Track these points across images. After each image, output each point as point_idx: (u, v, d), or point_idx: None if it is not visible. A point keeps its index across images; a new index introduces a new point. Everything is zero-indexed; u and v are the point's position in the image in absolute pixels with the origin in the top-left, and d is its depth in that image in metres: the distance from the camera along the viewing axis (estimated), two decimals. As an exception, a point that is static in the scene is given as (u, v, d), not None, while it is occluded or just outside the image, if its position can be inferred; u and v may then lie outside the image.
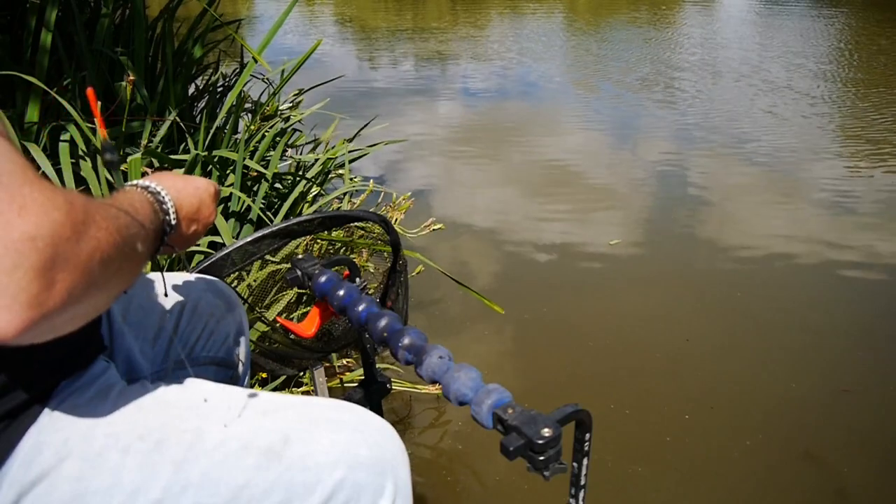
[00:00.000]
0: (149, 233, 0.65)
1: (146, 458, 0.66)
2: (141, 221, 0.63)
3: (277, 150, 2.22)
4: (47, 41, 1.95)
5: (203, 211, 0.78)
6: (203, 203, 0.79)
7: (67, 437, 0.65)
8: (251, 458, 0.68)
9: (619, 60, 6.37)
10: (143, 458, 0.66)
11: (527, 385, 1.95)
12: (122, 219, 0.58)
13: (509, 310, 2.24)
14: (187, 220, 0.76)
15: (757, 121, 4.49)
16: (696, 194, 3.34)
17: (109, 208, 0.57)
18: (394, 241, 1.04)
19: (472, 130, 4.46)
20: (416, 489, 0.75)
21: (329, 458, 0.70)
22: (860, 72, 5.86)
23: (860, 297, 2.44)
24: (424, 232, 2.77)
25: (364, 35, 8.26)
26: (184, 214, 0.75)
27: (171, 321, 0.90)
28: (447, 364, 0.68)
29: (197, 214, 0.78)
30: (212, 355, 0.95)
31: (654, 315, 2.29)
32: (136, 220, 0.61)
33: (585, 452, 0.65)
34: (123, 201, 0.64)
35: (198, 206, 0.78)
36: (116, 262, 0.54)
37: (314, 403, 0.77)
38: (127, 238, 0.57)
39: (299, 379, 1.83)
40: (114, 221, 0.55)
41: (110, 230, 0.53)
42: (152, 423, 0.68)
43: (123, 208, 0.60)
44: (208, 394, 0.74)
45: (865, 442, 1.73)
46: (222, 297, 0.96)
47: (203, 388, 0.75)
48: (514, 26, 8.59)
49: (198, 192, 0.78)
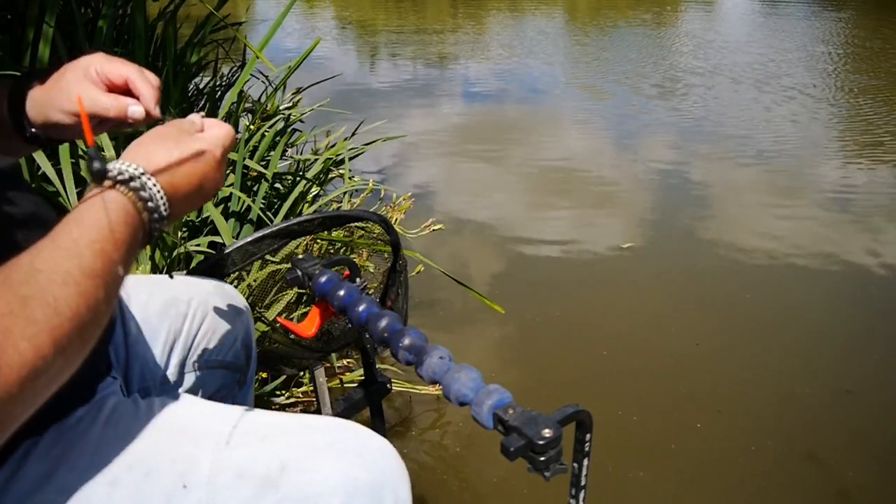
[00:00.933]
0: (131, 247, 0.56)
1: (135, 490, 0.62)
2: (116, 250, 0.53)
3: (277, 150, 2.22)
4: (47, 41, 1.95)
5: (206, 186, 0.64)
6: (206, 177, 0.63)
7: (49, 469, 0.62)
8: (247, 489, 0.64)
9: (619, 61, 6.37)
10: (133, 490, 0.62)
11: (527, 386, 1.95)
12: (80, 284, 0.49)
13: (510, 310, 2.24)
14: (184, 201, 0.62)
15: (762, 123, 4.49)
16: (699, 195, 3.34)
17: (55, 286, 0.48)
18: (394, 241, 1.04)
19: (472, 131, 4.46)
20: (416, 489, 0.75)
21: (328, 486, 0.66)
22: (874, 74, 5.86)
23: (863, 297, 2.43)
24: (424, 232, 2.77)
25: (364, 36, 8.26)
26: (180, 197, 0.61)
27: (180, 324, 0.90)
28: (447, 364, 0.68)
29: (199, 191, 0.63)
30: (220, 358, 0.94)
31: (656, 316, 2.29)
32: (106, 256, 0.52)
33: (586, 453, 0.65)
34: (85, 234, 0.52)
35: (199, 182, 0.62)
36: (76, 337, 0.49)
37: (313, 425, 0.72)
38: (89, 304, 0.49)
39: (299, 379, 1.83)
40: (62, 307, 0.47)
41: (58, 323, 0.46)
42: (142, 451, 0.65)
43: (81, 256, 0.50)
44: (202, 415, 0.70)
45: (868, 443, 1.73)
46: (229, 300, 0.96)
47: (196, 409, 0.72)
48: (514, 26, 8.58)
49: (197, 165, 0.62)
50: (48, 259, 0.50)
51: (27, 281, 0.47)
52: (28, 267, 0.49)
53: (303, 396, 1.80)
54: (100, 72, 0.71)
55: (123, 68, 0.71)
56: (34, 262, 0.49)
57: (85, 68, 0.71)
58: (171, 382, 0.89)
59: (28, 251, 0.50)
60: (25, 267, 0.48)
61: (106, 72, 0.71)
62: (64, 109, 0.70)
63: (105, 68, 0.71)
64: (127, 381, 0.84)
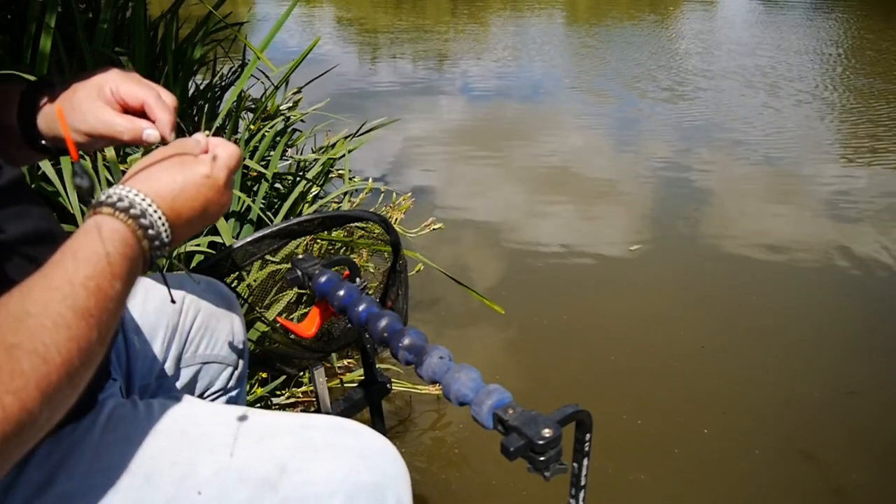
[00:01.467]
0: (129, 280, 0.54)
1: (136, 494, 0.62)
2: (112, 284, 0.51)
3: (277, 150, 2.22)
4: (47, 41, 1.95)
5: (210, 209, 0.61)
6: (210, 201, 0.61)
7: (49, 475, 0.61)
8: (246, 491, 0.64)
9: (619, 61, 6.36)
10: (133, 494, 0.62)
11: (527, 386, 1.95)
12: (72, 328, 0.47)
13: (510, 310, 2.24)
14: (187, 226, 0.60)
15: (765, 124, 4.48)
16: (702, 197, 3.33)
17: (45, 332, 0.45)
18: (394, 241, 1.04)
19: (472, 131, 4.46)
20: (416, 490, 0.75)
21: (328, 488, 0.66)
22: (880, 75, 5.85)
23: (864, 297, 2.43)
24: (424, 232, 2.77)
25: (364, 36, 8.26)
26: (182, 222, 0.59)
27: (176, 320, 0.91)
28: (447, 364, 0.68)
29: (202, 216, 0.61)
30: (214, 353, 0.95)
31: (658, 317, 2.29)
32: (101, 293, 0.50)
33: (586, 453, 0.65)
34: (80, 269, 0.50)
35: (202, 206, 0.60)
36: (66, 385, 0.47)
37: (313, 426, 0.71)
38: (81, 347, 0.47)
39: (299, 379, 1.83)
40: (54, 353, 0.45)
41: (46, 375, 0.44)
42: (141, 455, 0.64)
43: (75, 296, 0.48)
44: (201, 417, 0.70)
45: (868, 443, 1.73)
46: (222, 296, 0.97)
47: (195, 411, 0.71)
48: (514, 27, 8.58)
49: (201, 190, 0.60)
50: (38, 300, 0.47)
51: (15, 327, 0.45)
52: (17, 309, 0.46)
53: (303, 396, 1.80)
54: (115, 91, 0.69)
55: (140, 91, 0.69)
56: (24, 302, 0.47)
57: (99, 87, 0.69)
58: (167, 378, 0.90)
59: (19, 288, 0.48)
60: (14, 309, 0.46)
61: (122, 93, 0.69)
62: (77, 129, 0.69)
63: (121, 89, 0.69)
64: (127, 381, 0.84)
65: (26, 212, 0.62)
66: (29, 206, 0.63)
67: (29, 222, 0.62)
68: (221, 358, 0.96)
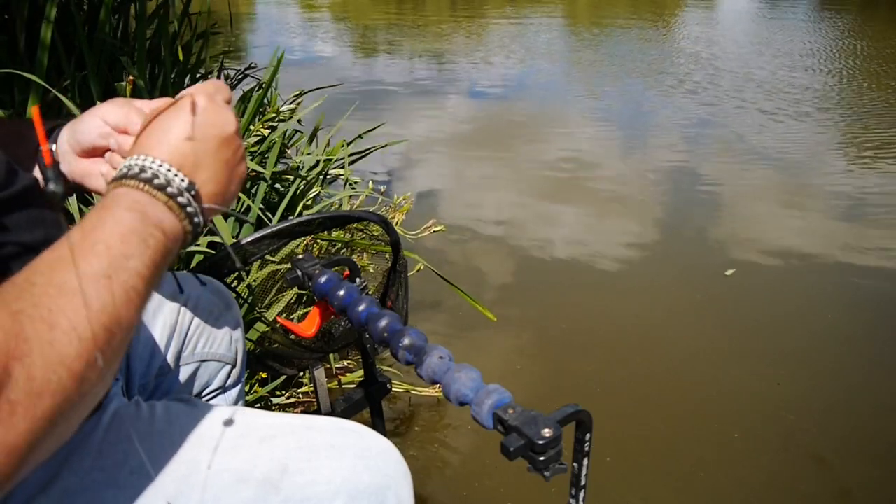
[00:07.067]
0: (149, 226, 0.50)
1: (138, 493, 0.62)
2: (147, 266, 0.48)
3: (276, 150, 2.22)
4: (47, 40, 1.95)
5: (235, 178, 0.57)
6: (236, 171, 0.57)
7: (53, 472, 0.62)
8: (248, 491, 0.64)
9: (617, 61, 6.37)
10: (135, 493, 0.62)
11: (527, 386, 1.95)
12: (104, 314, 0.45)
13: (509, 310, 2.24)
14: (217, 201, 0.55)
15: (769, 127, 4.49)
16: (708, 201, 3.32)
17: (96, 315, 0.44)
18: (394, 242, 1.04)
19: (472, 132, 4.46)
20: (416, 490, 0.75)
21: (330, 488, 0.66)
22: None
23: (865, 297, 2.43)
24: (425, 233, 2.77)
25: (365, 36, 8.26)
26: (214, 200, 0.55)
27: (175, 318, 0.91)
28: (447, 364, 0.68)
29: (227, 186, 0.57)
30: (212, 351, 0.96)
31: (661, 318, 2.29)
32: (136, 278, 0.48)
33: (586, 453, 0.65)
34: (88, 238, 0.47)
35: (227, 177, 0.56)
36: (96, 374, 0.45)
37: (315, 426, 0.71)
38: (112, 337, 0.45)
39: (299, 379, 1.83)
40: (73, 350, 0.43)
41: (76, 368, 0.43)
42: (143, 455, 0.65)
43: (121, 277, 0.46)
44: (202, 418, 0.70)
45: (869, 443, 1.73)
46: (219, 295, 0.97)
47: (197, 412, 0.72)
48: (514, 27, 8.58)
49: (223, 152, 0.55)
50: (41, 270, 0.45)
51: (18, 295, 0.44)
52: (20, 278, 0.45)
53: (303, 396, 1.80)
54: (104, 118, 0.71)
55: (122, 109, 0.70)
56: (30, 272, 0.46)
57: (95, 111, 0.71)
58: (166, 376, 0.90)
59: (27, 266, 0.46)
60: (19, 279, 0.45)
61: (110, 120, 0.70)
62: (78, 141, 0.71)
63: (109, 117, 0.70)
64: (128, 380, 0.84)
65: (40, 217, 0.63)
66: (42, 212, 0.63)
67: (42, 230, 0.62)
68: (219, 356, 0.96)
